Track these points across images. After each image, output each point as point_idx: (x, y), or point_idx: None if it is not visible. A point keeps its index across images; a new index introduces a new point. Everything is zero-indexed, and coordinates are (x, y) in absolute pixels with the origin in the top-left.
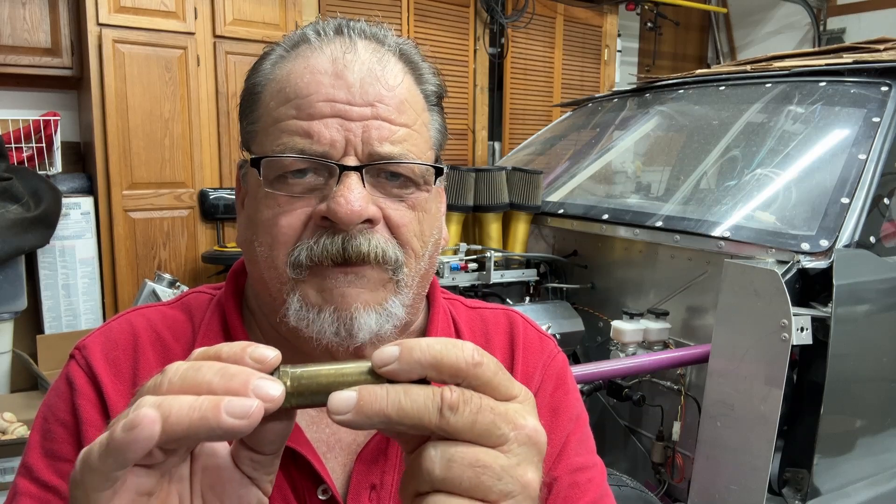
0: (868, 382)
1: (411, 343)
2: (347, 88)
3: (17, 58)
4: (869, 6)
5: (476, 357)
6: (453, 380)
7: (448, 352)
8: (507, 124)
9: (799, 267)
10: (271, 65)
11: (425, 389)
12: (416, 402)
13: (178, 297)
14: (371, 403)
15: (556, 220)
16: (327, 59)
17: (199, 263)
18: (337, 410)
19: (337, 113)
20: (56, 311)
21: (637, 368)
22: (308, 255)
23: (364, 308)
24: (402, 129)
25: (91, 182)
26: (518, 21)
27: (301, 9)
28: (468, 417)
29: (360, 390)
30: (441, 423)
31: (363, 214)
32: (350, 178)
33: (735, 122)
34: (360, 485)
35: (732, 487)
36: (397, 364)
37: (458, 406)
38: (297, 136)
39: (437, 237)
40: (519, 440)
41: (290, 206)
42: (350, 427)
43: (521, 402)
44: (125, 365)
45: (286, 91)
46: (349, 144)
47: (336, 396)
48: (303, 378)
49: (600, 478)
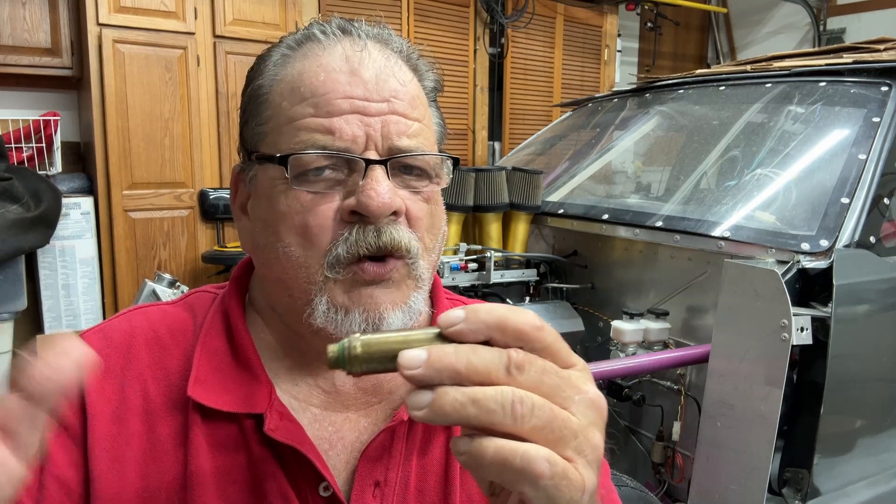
0: (868, 382)
1: (477, 306)
2: (364, 85)
3: (17, 58)
4: (869, 6)
5: (538, 322)
6: (517, 343)
7: (512, 315)
8: (507, 124)
9: (799, 267)
10: (275, 65)
11: (492, 349)
12: (485, 358)
13: (182, 297)
14: (441, 358)
15: (556, 220)
16: (340, 57)
17: (199, 263)
18: (408, 365)
19: (356, 109)
20: (56, 311)
21: (637, 368)
22: (346, 248)
23: (392, 308)
24: (416, 124)
25: (91, 182)
26: (518, 21)
27: (301, 9)
28: (534, 377)
29: (431, 348)
30: (508, 381)
31: (392, 206)
32: (376, 172)
33: (735, 122)
34: (365, 482)
35: (732, 487)
36: (464, 324)
37: (524, 365)
38: (318, 134)
39: (443, 230)
40: (584, 403)
41: (315, 203)
42: (420, 383)
43: (579, 370)
44: (115, 365)
45: (301, 90)
46: (370, 139)
47: (406, 353)
48: (372, 344)
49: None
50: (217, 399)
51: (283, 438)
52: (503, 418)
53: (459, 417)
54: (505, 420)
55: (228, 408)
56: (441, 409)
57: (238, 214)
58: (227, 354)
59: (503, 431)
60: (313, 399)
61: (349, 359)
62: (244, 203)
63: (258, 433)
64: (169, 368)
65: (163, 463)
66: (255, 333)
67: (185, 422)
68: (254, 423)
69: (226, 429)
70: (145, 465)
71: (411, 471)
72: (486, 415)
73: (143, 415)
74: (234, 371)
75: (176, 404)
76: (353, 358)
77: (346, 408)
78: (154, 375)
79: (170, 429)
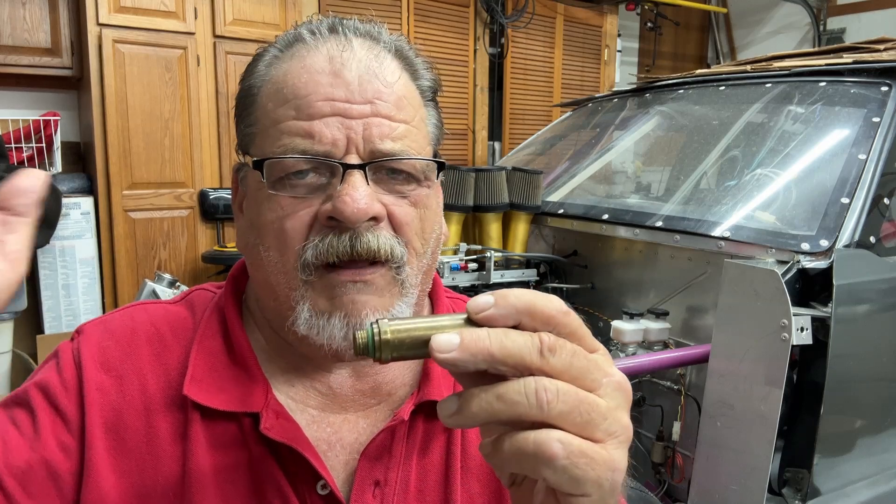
0: (868, 382)
1: (505, 291)
2: (346, 86)
3: (17, 58)
4: (869, 6)
5: (565, 307)
6: (545, 327)
7: (540, 299)
8: (507, 124)
9: (799, 267)
10: (266, 66)
11: (523, 333)
12: (518, 342)
13: (182, 295)
14: (475, 342)
15: (556, 220)
16: (324, 58)
17: (199, 263)
18: (441, 349)
19: (337, 112)
20: (56, 311)
21: (637, 368)
22: (314, 253)
23: (373, 314)
24: (401, 126)
25: (91, 182)
26: (518, 21)
27: (301, 9)
28: (565, 359)
29: (462, 331)
30: (541, 363)
31: (369, 212)
32: (354, 177)
33: (735, 122)
34: (364, 481)
35: (732, 487)
36: (494, 309)
37: (556, 348)
38: (298, 137)
39: (438, 233)
40: (612, 385)
41: (293, 207)
42: (453, 367)
43: (603, 355)
44: (116, 358)
45: (284, 92)
46: (351, 143)
47: (439, 337)
48: (400, 331)
49: None
50: (213, 398)
51: (279, 437)
52: (529, 408)
53: (489, 415)
54: (531, 410)
55: (224, 407)
56: (469, 411)
57: (237, 213)
58: (224, 354)
59: (532, 421)
60: (310, 401)
61: (379, 345)
62: (241, 202)
63: (255, 432)
64: (169, 365)
65: (161, 459)
66: (251, 333)
67: (185, 419)
68: (251, 422)
69: (224, 428)
70: (143, 461)
71: (411, 471)
72: (512, 407)
73: (142, 410)
74: (230, 370)
75: (175, 401)
76: (384, 343)
77: (345, 409)
78: (154, 371)
79: (169, 426)
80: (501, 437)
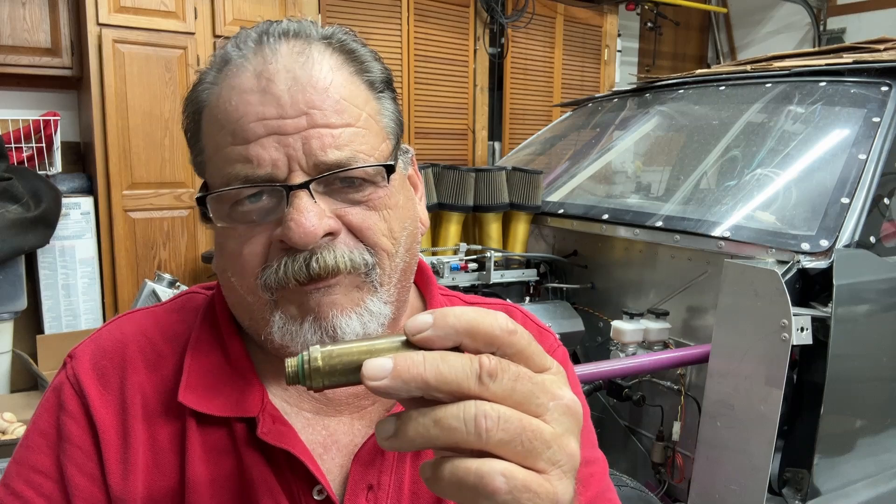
0: (868, 382)
1: (445, 310)
2: (276, 102)
3: (17, 58)
4: (869, 6)
5: (510, 325)
6: (488, 348)
7: (483, 318)
8: (507, 124)
9: (799, 267)
10: (204, 91)
11: (462, 356)
12: (455, 367)
13: (172, 299)
14: (409, 368)
15: (556, 220)
16: (251, 76)
17: (199, 263)
18: (372, 376)
19: (271, 130)
20: (56, 311)
21: (637, 368)
22: (275, 279)
23: (342, 313)
24: (345, 131)
25: (91, 182)
26: (518, 21)
27: (301, 9)
28: (507, 384)
29: (396, 356)
30: (480, 390)
31: (318, 233)
32: (299, 199)
33: (735, 122)
34: (357, 485)
35: (732, 487)
36: (432, 330)
37: (496, 373)
38: (239, 164)
39: (412, 228)
40: (559, 410)
41: (249, 233)
42: (386, 395)
43: (554, 374)
44: (113, 375)
45: (220, 118)
46: (292, 160)
47: (370, 363)
48: (333, 356)
49: (602, 472)
50: (208, 404)
51: (276, 442)
52: (466, 435)
53: (425, 441)
54: (469, 437)
55: (220, 412)
56: (406, 436)
57: None
58: (218, 359)
59: (470, 449)
60: (304, 404)
61: (309, 373)
62: None
63: (251, 437)
64: (165, 374)
65: (163, 469)
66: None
67: (183, 427)
68: (247, 427)
69: (220, 434)
70: (148, 472)
71: (405, 474)
72: (450, 433)
73: (145, 420)
74: (225, 376)
75: (173, 410)
76: (314, 371)
77: (339, 412)
78: (151, 381)
79: (168, 434)
80: (441, 462)
